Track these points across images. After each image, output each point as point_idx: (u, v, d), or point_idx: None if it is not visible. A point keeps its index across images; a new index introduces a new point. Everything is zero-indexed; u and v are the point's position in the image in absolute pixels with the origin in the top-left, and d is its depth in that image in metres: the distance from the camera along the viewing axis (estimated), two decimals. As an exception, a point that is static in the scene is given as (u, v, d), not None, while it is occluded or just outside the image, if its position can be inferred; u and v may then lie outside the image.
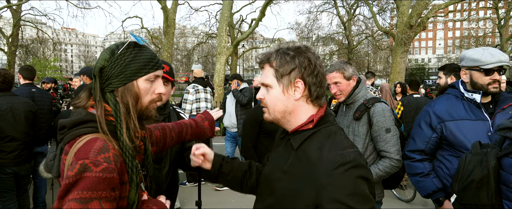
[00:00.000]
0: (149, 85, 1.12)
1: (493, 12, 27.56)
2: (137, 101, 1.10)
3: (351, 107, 2.40)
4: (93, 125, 1.05)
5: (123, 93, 1.08)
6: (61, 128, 1.08)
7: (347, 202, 0.97)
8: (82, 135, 1.03)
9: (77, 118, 1.06)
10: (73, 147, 1.00)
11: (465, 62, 2.03)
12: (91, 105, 1.10)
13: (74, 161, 0.95)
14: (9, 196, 3.41)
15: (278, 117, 1.16)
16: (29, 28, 30.07)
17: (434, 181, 2.10)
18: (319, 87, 1.14)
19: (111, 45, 1.13)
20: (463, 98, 2.04)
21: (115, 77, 1.08)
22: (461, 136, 1.97)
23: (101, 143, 0.99)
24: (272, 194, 1.15)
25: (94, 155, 0.95)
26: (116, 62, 1.08)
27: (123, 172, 1.03)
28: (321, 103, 1.18)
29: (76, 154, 0.97)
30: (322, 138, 1.10)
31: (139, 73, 1.10)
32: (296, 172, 1.09)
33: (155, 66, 1.13)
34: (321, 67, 1.14)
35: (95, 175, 0.93)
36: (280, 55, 1.13)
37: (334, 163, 1.01)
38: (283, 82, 1.12)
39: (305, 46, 1.16)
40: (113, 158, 0.98)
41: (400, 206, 4.80)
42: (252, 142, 2.85)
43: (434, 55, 72.15)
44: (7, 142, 3.29)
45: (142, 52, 1.12)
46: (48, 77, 7.19)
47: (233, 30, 28.91)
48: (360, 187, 1.00)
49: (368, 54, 39.88)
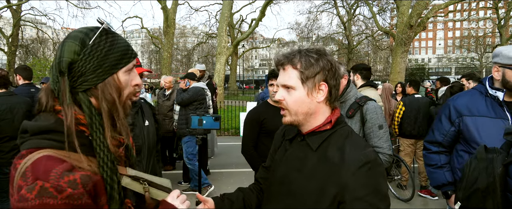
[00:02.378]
0: (128, 76, 0.97)
1: (493, 12, 27.56)
2: (120, 97, 0.95)
3: (343, 105, 2.48)
4: (57, 138, 0.86)
5: (104, 90, 0.91)
6: (23, 131, 0.89)
7: (371, 200, 1.01)
8: (46, 148, 0.85)
9: (42, 124, 0.88)
10: (32, 155, 0.83)
11: (500, 59, 1.94)
12: (58, 110, 0.91)
13: (30, 178, 0.79)
14: (7, 196, 3.40)
15: (300, 119, 1.15)
16: (29, 28, 30.07)
17: (446, 174, 2.13)
18: (337, 89, 1.17)
19: (75, 34, 0.92)
20: (487, 94, 2.01)
21: (91, 72, 0.89)
22: (475, 132, 1.96)
23: (66, 166, 0.82)
24: (291, 195, 1.15)
25: (56, 178, 0.78)
26: (91, 54, 0.90)
27: (99, 194, 0.87)
28: (335, 104, 1.19)
29: (34, 168, 0.80)
30: (341, 139, 1.12)
31: (119, 64, 0.94)
32: (317, 172, 1.09)
33: (132, 55, 0.99)
34: (339, 70, 1.16)
35: (61, 202, 0.77)
36: (303, 56, 1.12)
37: (359, 162, 1.04)
38: (308, 85, 1.12)
39: (323, 48, 1.17)
40: (81, 181, 0.82)
41: (400, 206, 4.79)
42: (253, 142, 2.83)
43: (434, 55, 72.15)
44: (6, 141, 3.28)
45: (117, 39, 0.96)
46: (47, 77, 7.18)
47: (233, 30, 28.92)
48: (382, 185, 1.05)
49: (368, 54, 39.88)
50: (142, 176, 1.03)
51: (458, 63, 55.52)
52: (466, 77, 5.12)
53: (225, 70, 14.81)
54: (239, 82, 37.36)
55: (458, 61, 55.80)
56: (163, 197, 1.06)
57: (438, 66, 63.84)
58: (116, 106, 0.94)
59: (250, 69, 78.28)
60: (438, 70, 61.04)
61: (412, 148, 5.28)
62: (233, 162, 6.85)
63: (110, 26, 0.96)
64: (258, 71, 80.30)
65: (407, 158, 5.27)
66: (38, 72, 24.99)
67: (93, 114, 0.90)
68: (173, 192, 1.08)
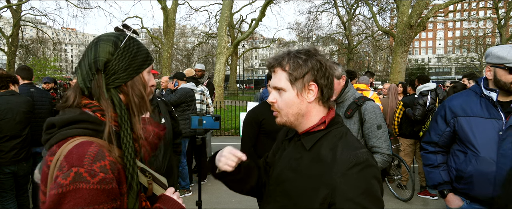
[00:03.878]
0: (149, 77, 1.09)
1: (493, 12, 27.59)
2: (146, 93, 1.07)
3: (341, 106, 2.48)
4: (88, 126, 0.95)
5: (133, 86, 1.02)
6: (49, 126, 0.96)
7: (360, 201, 1.00)
8: (74, 136, 0.92)
9: (69, 116, 0.95)
10: (63, 148, 0.90)
11: (490, 58, 1.98)
12: (84, 104, 0.99)
13: (65, 166, 0.85)
14: (8, 196, 3.40)
15: (292, 120, 1.16)
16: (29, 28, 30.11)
17: (442, 174, 2.16)
18: (330, 89, 1.16)
19: (107, 37, 1.03)
20: (482, 95, 2.04)
21: (123, 71, 1.00)
22: (470, 132, 1.99)
23: (96, 149, 0.89)
24: (285, 195, 1.15)
25: (89, 163, 0.85)
26: (123, 54, 1.01)
27: (122, 181, 0.94)
28: (331, 104, 1.19)
29: (68, 158, 0.86)
30: (334, 139, 1.12)
31: (144, 64, 1.06)
32: (310, 173, 1.10)
33: (151, 58, 1.11)
34: (330, 69, 1.16)
35: (93, 187, 0.83)
36: (292, 58, 1.13)
37: (348, 163, 1.04)
38: (297, 86, 1.13)
39: (314, 48, 1.17)
40: (110, 167, 0.89)
41: (400, 206, 4.79)
42: (252, 142, 2.83)
43: (434, 55, 72.16)
44: (6, 141, 3.29)
45: (140, 44, 1.09)
46: (49, 77, 7.18)
47: (233, 30, 28.91)
48: (373, 187, 1.04)
49: (368, 54, 39.90)
50: (148, 169, 1.10)
51: (458, 63, 55.53)
52: (467, 77, 5.14)
53: (225, 70, 14.82)
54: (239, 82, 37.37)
55: (458, 61, 55.81)
56: (161, 192, 1.14)
57: (438, 66, 63.83)
58: (145, 101, 1.05)
59: (250, 69, 78.31)
60: (438, 70, 61.05)
61: (412, 148, 5.28)
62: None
63: (136, 32, 1.09)
64: (258, 71, 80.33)
65: (407, 158, 5.28)
66: (38, 72, 25.01)
67: (122, 108, 0.99)
68: (169, 188, 1.17)
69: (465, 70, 42.11)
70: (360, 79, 5.44)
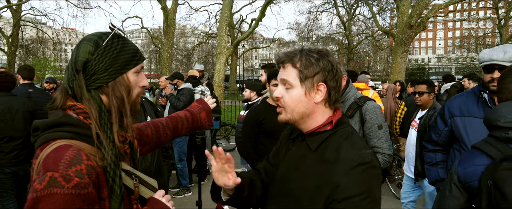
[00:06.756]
0: (136, 77, 1.05)
1: (493, 12, 27.57)
2: (128, 95, 1.02)
3: (342, 106, 2.49)
4: (68, 129, 0.93)
5: (114, 87, 0.99)
6: (34, 129, 0.97)
7: (359, 202, 0.99)
8: (56, 139, 0.92)
9: (51, 119, 0.95)
10: (43, 151, 0.90)
11: (479, 61, 2.11)
12: (69, 106, 0.98)
13: (41, 170, 0.85)
14: (8, 196, 3.40)
15: (296, 118, 1.14)
16: (29, 28, 30.10)
17: (439, 171, 2.26)
18: (337, 92, 1.14)
19: (90, 36, 1.01)
20: (479, 95, 2.11)
21: (103, 71, 0.97)
22: (463, 132, 2.06)
23: (73, 153, 0.87)
24: (289, 194, 1.14)
25: (65, 168, 0.84)
26: (103, 54, 0.97)
27: (101, 185, 0.92)
28: (337, 106, 1.18)
29: (45, 162, 0.86)
30: (340, 140, 1.11)
31: (129, 65, 1.02)
32: (314, 173, 1.09)
33: (141, 58, 1.07)
34: (340, 72, 1.14)
35: (67, 192, 0.82)
36: (304, 56, 1.11)
37: (353, 162, 1.03)
38: (306, 84, 1.11)
39: (326, 49, 1.16)
40: (87, 171, 0.87)
41: (400, 206, 4.78)
42: (251, 142, 2.83)
43: (434, 55, 72.13)
44: (6, 142, 3.28)
45: (127, 43, 1.04)
46: (51, 77, 7.14)
47: (233, 30, 28.92)
48: (375, 188, 1.04)
49: (368, 54, 39.90)
50: (134, 172, 1.07)
51: (458, 63, 55.45)
52: (467, 77, 5.20)
53: (225, 70, 14.82)
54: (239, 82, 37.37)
55: (458, 61, 55.71)
56: (150, 194, 1.10)
57: (438, 66, 63.79)
58: (125, 103, 1.01)
59: (250, 69, 78.30)
60: (438, 70, 60.98)
61: (413, 148, 5.28)
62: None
63: (121, 31, 1.05)
64: (258, 71, 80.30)
65: (407, 158, 5.27)
66: (38, 72, 25.00)
67: (102, 110, 0.97)
68: (159, 191, 1.12)
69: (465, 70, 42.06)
70: (358, 78, 5.43)
